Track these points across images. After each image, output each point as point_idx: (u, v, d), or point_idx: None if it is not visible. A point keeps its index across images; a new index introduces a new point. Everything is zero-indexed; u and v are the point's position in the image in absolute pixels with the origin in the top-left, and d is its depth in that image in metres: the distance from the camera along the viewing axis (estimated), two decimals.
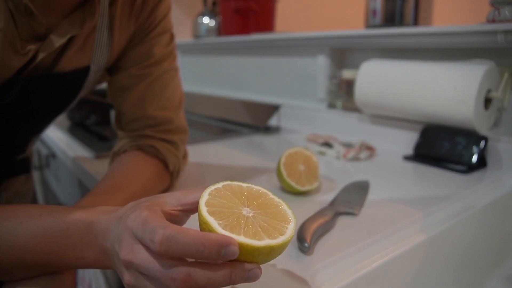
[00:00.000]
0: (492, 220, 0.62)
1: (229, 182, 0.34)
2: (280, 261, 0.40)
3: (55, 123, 1.11)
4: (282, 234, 0.30)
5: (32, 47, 0.44)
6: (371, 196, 0.58)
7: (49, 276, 0.37)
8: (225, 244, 0.27)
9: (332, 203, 0.54)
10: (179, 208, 0.34)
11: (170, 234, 0.27)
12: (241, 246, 0.28)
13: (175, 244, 0.27)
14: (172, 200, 0.34)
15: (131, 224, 0.30)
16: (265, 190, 0.34)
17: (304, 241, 0.42)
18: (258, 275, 0.30)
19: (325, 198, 0.57)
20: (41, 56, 0.45)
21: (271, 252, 0.29)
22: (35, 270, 0.36)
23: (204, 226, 0.29)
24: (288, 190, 0.59)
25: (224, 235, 0.27)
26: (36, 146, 1.25)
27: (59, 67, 0.49)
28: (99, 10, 0.48)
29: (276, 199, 0.34)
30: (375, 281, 0.41)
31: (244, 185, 0.34)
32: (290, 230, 0.30)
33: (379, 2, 0.96)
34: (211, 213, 0.29)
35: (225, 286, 0.29)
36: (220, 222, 0.29)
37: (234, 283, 0.29)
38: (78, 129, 1.08)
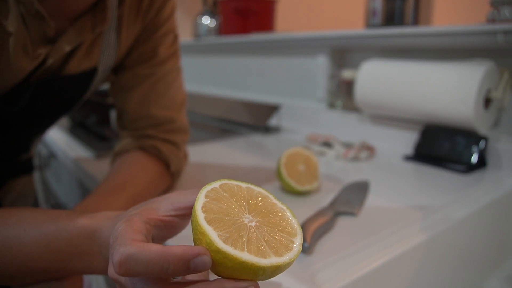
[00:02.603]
0: (492, 220, 0.62)
1: (226, 181, 0.31)
2: None
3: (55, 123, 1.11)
4: (289, 251, 0.27)
5: (42, 50, 0.44)
6: (371, 196, 0.58)
7: (59, 281, 0.37)
8: (191, 256, 0.24)
9: (332, 203, 0.54)
10: (172, 213, 0.31)
11: (129, 253, 0.24)
12: (245, 264, 0.25)
13: (135, 264, 0.24)
14: (165, 204, 0.32)
15: (110, 241, 0.28)
16: (266, 193, 0.31)
17: (304, 241, 0.42)
18: None
19: (325, 198, 0.57)
20: (51, 60, 0.45)
21: (276, 271, 0.26)
22: (41, 276, 0.36)
23: (200, 236, 0.26)
24: (288, 190, 0.59)
25: (191, 246, 0.25)
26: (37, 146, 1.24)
27: (67, 70, 0.49)
28: (109, 15, 0.48)
29: (279, 204, 0.31)
30: (375, 281, 0.41)
31: (244, 185, 0.31)
32: (297, 245, 0.27)
33: (379, 2, 0.96)
34: (209, 222, 0.26)
35: None
36: (220, 233, 0.26)
37: None
38: (78, 129, 1.08)
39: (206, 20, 1.55)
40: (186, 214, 0.32)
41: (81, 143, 0.90)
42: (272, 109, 1.07)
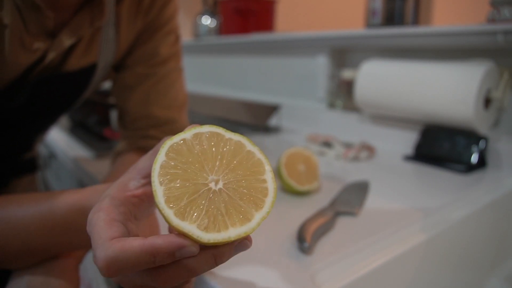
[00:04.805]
0: (492, 220, 0.62)
1: (197, 130, 0.28)
2: (280, 261, 0.40)
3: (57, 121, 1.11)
4: (259, 207, 0.26)
5: (40, 44, 0.44)
6: (371, 196, 0.58)
7: (58, 271, 0.38)
8: (176, 248, 0.24)
9: (332, 203, 0.54)
10: (143, 182, 0.30)
11: (112, 257, 0.24)
12: (215, 243, 0.24)
13: (121, 265, 0.24)
14: (134, 174, 0.30)
15: (88, 230, 0.27)
16: (242, 140, 0.28)
17: (304, 241, 0.42)
18: (248, 246, 0.27)
19: (325, 198, 0.57)
20: (51, 56, 0.45)
21: (249, 233, 0.25)
22: (41, 254, 0.37)
23: (160, 212, 0.25)
24: (288, 190, 0.59)
25: (174, 237, 0.24)
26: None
27: (67, 66, 0.49)
28: (107, 8, 0.48)
29: (257, 154, 0.28)
30: (375, 281, 0.41)
31: (216, 131, 0.28)
32: (257, 219, 0.25)
33: (379, 2, 0.96)
34: (168, 199, 0.25)
35: (212, 268, 0.26)
36: (177, 210, 0.24)
37: (222, 262, 0.26)
38: (78, 129, 1.08)
39: (206, 20, 1.55)
40: None
41: (81, 143, 0.90)
42: (272, 109, 1.07)
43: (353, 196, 0.57)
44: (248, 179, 0.27)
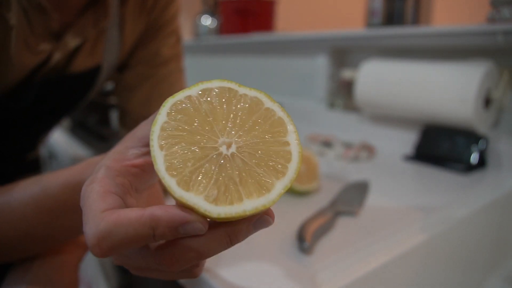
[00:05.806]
0: (492, 220, 0.62)
1: (205, 86, 0.23)
2: (280, 261, 0.40)
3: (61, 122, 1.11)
4: (280, 175, 0.21)
5: (45, 46, 0.44)
6: (371, 196, 0.58)
7: (51, 261, 0.38)
8: (179, 223, 0.20)
9: (332, 203, 0.54)
10: (143, 150, 0.26)
11: (104, 232, 0.20)
12: (227, 218, 0.20)
13: (116, 241, 0.20)
14: (133, 142, 0.26)
15: (81, 203, 0.24)
16: (259, 95, 0.24)
17: (304, 241, 0.42)
18: (270, 222, 0.23)
19: (325, 198, 0.57)
20: (56, 57, 0.45)
21: (268, 206, 0.21)
22: (43, 241, 0.36)
23: (161, 181, 0.21)
24: (288, 190, 0.59)
25: (177, 211, 0.20)
26: None
27: (72, 68, 0.49)
28: (111, 10, 0.48)
29: (278, 112, 0.24)
30: (375, 281, 0.41)
31: (227, 85, 0.24)
32: (277, 190, 0.22)
33: (379, 2, 0.96)
34: (170, 166, 0.20)
35: (227, 249, 0.23)
36: (179, 178, 0.20)
37: (238, 241, 0.22)
38: (78, 129, 1.08)
39: (206, 20, 1.55)
40: None
41: (81, 143, 0.90)
42: None
43: (353, 196, 0.57)
44: (266, 142, 0.22)
